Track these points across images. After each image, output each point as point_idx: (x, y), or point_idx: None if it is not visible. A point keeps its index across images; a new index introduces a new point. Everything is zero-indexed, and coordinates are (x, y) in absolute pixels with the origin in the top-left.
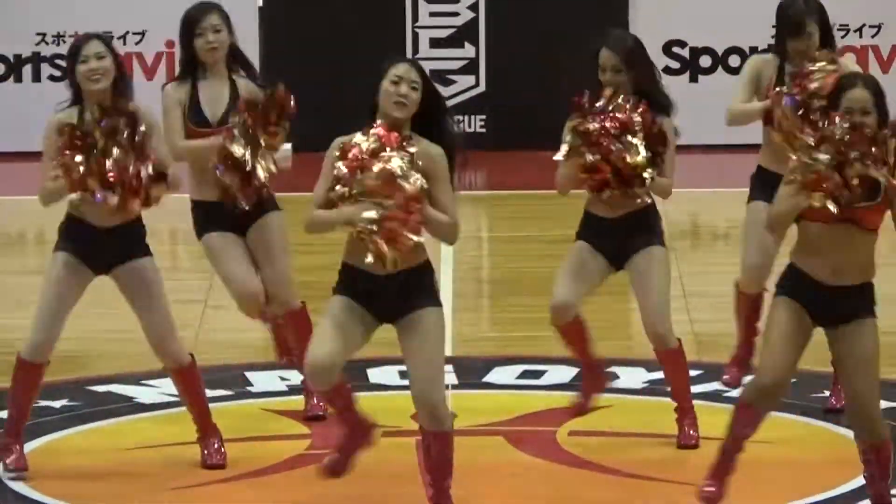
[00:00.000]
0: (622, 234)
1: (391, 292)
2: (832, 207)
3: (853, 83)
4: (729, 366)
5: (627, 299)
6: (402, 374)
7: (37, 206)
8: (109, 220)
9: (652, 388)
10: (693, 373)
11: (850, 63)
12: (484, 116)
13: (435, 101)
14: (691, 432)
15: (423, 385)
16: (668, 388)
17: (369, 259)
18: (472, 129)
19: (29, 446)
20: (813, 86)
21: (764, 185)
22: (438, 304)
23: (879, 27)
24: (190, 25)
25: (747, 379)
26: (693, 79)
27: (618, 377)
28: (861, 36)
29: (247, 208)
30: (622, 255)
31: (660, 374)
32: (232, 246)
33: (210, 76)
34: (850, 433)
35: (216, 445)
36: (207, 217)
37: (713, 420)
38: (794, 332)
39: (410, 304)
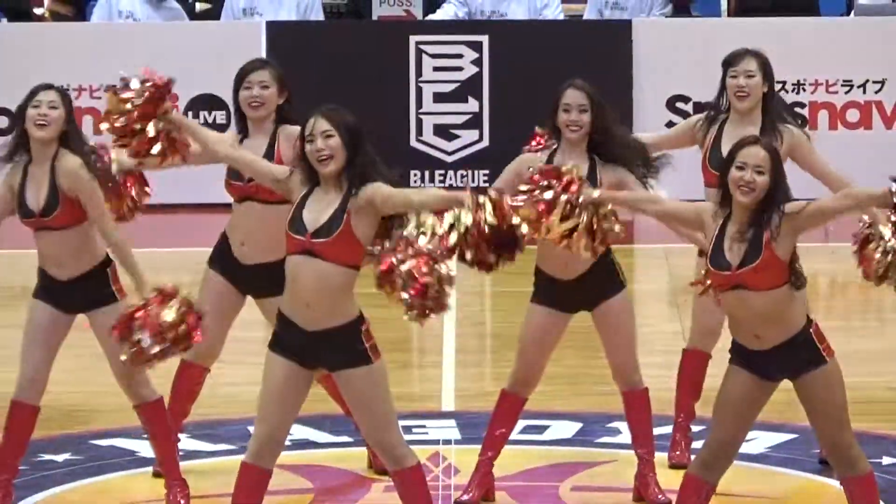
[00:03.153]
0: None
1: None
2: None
3: (752, 142)
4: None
5: None
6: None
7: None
8: (66, 272)
9: (656, 444)
10: (695, 428)
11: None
12: (487, 171)
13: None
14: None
15: (376, 432)
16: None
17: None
18: (475, 184)
19: (31, 500)
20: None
21: None
22: (376, 357)
23: (883, 83)
24: (239, 78)
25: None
26: None
27: (620, 432)
28: (865, 92)
29: None
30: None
31: (664, 430)
32: None
33: (255, 131)
34: None
35: (180, 498)
36: None
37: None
38: (746, 403)
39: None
